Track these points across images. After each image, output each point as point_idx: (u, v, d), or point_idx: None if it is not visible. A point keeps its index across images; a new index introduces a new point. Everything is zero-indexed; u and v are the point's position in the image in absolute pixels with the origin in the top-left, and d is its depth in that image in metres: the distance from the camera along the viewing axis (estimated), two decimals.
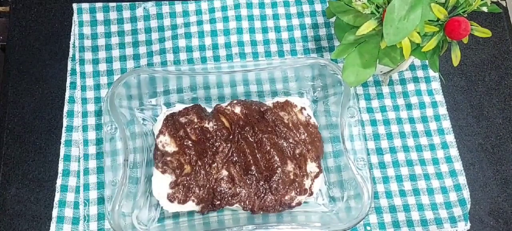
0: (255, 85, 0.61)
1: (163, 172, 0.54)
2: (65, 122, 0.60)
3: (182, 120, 0.56)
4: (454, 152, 0.61)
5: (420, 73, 0.65)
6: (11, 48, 0.64)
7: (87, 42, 0.64)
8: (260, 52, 0.65)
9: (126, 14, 0.66)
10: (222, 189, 0.54)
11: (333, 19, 0.66)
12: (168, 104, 0.60)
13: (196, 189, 0.53)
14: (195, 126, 0.56)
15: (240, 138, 0.56)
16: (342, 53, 0.53)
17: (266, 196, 0.54)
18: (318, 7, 0.68)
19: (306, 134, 0.57)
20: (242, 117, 0.57)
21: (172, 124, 0.56)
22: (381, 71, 0.63)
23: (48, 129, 0.60)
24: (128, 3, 0.66)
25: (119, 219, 0.50)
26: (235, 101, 0.58)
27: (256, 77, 0.60)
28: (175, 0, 0.67)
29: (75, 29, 0.65)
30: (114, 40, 0.65)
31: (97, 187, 0.57)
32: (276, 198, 0.54)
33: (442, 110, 0.64)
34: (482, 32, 0.50)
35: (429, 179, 0.60)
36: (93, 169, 0.58)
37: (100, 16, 0.65)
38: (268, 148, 0.55)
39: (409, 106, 0.64)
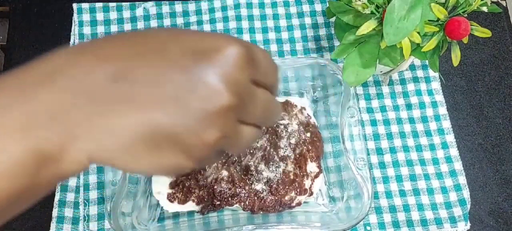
0: None
1: None
2: None
3: None
4: (454, 152, 0.61)
5: (420, 73, 0.65)
6: (11, 48, 0.64)
7: None
8: None
9: (126, 14, 0.66)
10: (222, 189, 0.54)
11: (333, 19, 0.66)
12: None
13: (196, 189, 0.53)
14: None
15: None
16: (342, 53, 0.53)
17: (266, 196, 0.54)
18: (318, 7, 0.68)
19: (306, 134, 0.57)
20: None
21: None
22: (381, 71, 0.63)
23: None
24: (128, 3, 0.66)
25: (119, 219, 0.50)
26: None
27: None
28: (175, 0, 0.67)
29: (75, 29, 0.65)
30: None
31: (97, 187, 0.57)
32: (276, 198, 0.54)
33: (442, 110, 0.64)
34: (482, 32, 0.50)
35: (429, 179, 0.60)
36: (93, 169, 0.58)
37: (100, 16, 0.65)
38: (268, 148, 0.55)
39: (409, 106, 0.64)
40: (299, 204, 0.55)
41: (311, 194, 0.55)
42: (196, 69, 0.23)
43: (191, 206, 0.54)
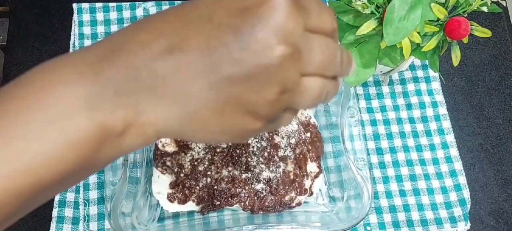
0: None
1: (163, 172, 0.54)
2: None
3: None
4: (454, 152, 0.61)
5: (420, 73, 0.65)
6: (11, 48, 0.64)
7: (87, 42, 0.64)
8: None
9: (126, 14, 0.66)
10: (222, 189, 0.54)
11: None
12: None
13: (196, 189, 0.53)
14: None
15: None
16: None
17: (266, 196, 0.54)
18: None
19: (306, 134, 0.57)
20: None
21: None
22: (381, 71, 0.63)
23: None
24: (128, 3, 0.66)
25: (119, 219, 0.50)
26: None
27: None
28: (175, 0, 0.67)
29: (75, 29, 0.65)
30: None
31: (97, 187, 0.57)
32: (276, 198, 0.54)
33: (442, 110, 0.64)
34: (482, 32, 0.50)
35: (429, 179, 0.60)
36: None
37: (100, 16, 0.65)
38: (268, 148, 0.55)
39: (409, 106, 0.64)
40: (299, 204, 0.55)
41: (311, 194, 0.55)
42: (245, 26, 0.23)
43: (191, 206, 0.54)
